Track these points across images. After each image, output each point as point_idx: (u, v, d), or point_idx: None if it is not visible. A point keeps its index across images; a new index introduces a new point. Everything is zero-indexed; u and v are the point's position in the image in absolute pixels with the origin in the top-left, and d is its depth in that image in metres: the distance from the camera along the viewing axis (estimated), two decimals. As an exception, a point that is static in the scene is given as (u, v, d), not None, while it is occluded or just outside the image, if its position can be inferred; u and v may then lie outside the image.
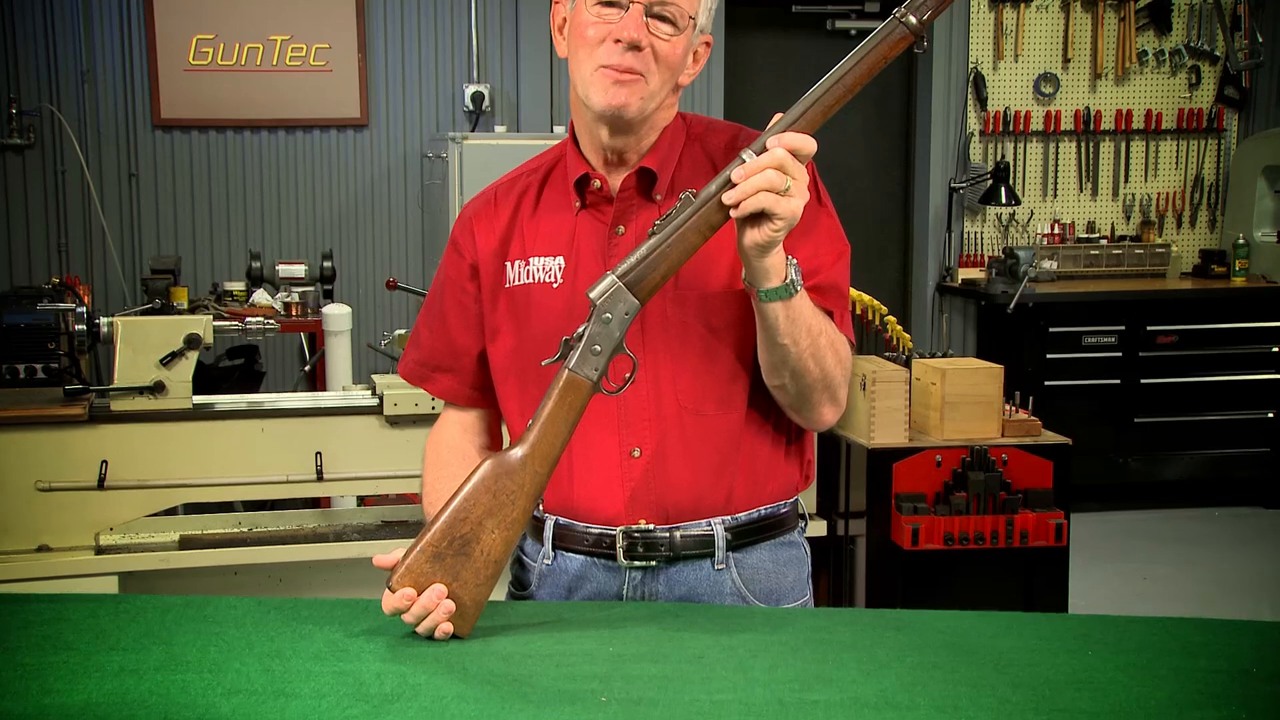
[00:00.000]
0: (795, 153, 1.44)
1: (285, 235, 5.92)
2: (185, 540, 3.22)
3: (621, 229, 1.66)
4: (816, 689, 1.34)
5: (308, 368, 5.02)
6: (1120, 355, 5.73)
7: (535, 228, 1.70)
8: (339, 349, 4.16)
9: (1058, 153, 6.35)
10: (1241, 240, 6.04)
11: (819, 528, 3.40)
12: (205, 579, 3.20)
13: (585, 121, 1.65)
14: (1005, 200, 5.98)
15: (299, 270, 5.00)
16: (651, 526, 1.65)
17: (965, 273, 6.21)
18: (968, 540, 3.15)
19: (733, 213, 1.45)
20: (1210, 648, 1.46)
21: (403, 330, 4.00)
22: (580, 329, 1.51)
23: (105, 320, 3.14)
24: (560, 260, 1.67)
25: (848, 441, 3.35)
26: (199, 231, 5.85)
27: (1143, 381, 5.74)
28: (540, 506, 1.72)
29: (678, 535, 1.66)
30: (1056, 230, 6.31)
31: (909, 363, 3.45)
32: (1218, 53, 6.33)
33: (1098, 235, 6.34)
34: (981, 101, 6.24)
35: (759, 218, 1.44)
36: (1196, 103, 6.39)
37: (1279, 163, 6.05)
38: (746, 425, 1.67)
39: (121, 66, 5.71)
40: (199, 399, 3.20)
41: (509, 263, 1.70)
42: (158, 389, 3.09)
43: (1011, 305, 5.61)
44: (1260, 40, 6.06)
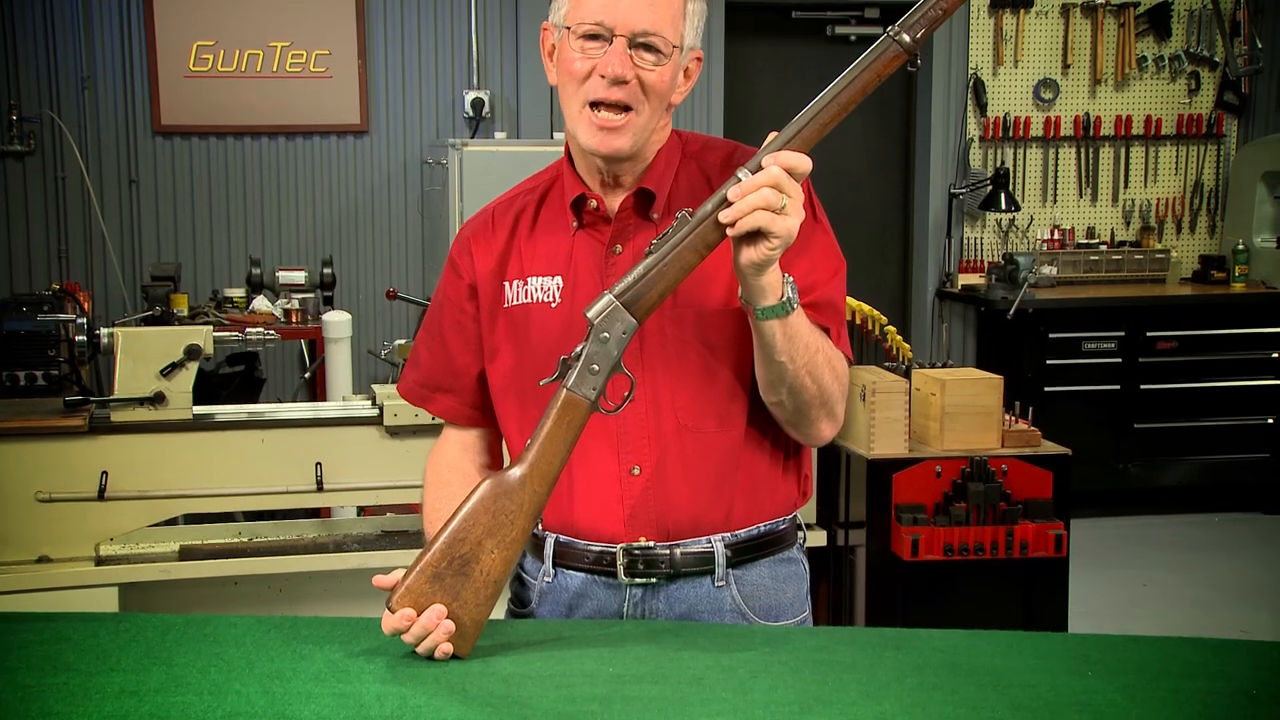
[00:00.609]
0: (791, 171, 1.44)
1: (285, 241, 5.91)
2: (185, 551, 3.22)
3: (619, 248, 1.66)
4: (816, 711, 1.34)
5: (308, 374, 5.02)
6: (1120, 361, 5.72)
7: (533, 248, 1.70)
8: (339, 356, 4.16)
9: (1057, 158, 6.35)
10: (1241, 246, 6.04)
11: (819, 538, 3.41)
12: (205, 589, 3.20)
13: (579, 147, 1.65)
14: (1005, 206, 5.97)
15: (299, 276, 5.02)
16: (652, 544, 1.66)
17: (965, 278, 6.21)
18: (967, 551, 3.16)
19: (729, 231, 1.45)
20: (1209, 668, 1.47)
21: (403, 340, 4.00)
22: (578, 348, 1.51)
23: (105, 331, 3.15)
24: (558, 280, 1.67)
25: (847, 452, 3.36)
26: (199, 237, 5.85)
27: (1142, 387, 5.73)
28: (540, 525, 1.72)
29: (678, 552, 1.66)
30: (1056, 236, 6.30)
31: (909, 373, 3.45)
32: (1217, 58, 6.33)
33: (1097, 241, 6.34)
34: (981, 107, 6.24)
35: (755, 236, 1.44)
36: (1196, 108, 6.39)
37: (1278, 168, 6.05)
38: (745, 442, 1.67)
39: (122, 72, 5.70)
40: (199, 410, 3.20)
41: (507, 283, 1.71)
42: (158, 400, 3.10)
43: (1011, 311, 5.61)
44: (1260, 46, 6.06)
